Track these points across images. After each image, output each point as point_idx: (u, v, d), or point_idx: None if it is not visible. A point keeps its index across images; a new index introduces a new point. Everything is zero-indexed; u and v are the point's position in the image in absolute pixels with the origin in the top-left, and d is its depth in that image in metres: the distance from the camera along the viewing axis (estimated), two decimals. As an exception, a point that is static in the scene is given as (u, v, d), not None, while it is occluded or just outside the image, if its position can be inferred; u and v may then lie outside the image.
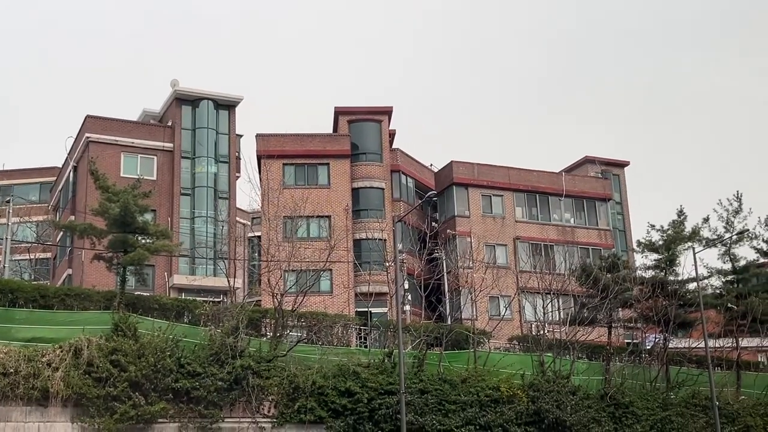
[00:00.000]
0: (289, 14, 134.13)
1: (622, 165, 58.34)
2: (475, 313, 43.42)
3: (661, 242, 39.67)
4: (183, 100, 45.57)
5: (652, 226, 41.14)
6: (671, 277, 39.54)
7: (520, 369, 33.58)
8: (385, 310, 45.29)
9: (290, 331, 35.83)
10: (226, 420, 28.01)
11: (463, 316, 45.65)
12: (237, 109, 47.17)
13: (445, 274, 41.76)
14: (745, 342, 42.42)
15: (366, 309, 43.78)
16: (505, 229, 49.09)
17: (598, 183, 53.80)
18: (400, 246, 47.46)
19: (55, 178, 53.56)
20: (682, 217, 40.75)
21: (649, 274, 39.49)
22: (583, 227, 51.94)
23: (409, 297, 45.01)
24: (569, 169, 57.24)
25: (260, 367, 28.88)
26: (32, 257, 56.32)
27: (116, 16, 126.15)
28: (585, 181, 53.64)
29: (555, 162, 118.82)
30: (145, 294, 32.65)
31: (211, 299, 38.03)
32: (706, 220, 40.37)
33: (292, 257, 32.50)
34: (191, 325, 30.70)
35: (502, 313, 41.68)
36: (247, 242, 63.62)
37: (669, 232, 39.87)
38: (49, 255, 54.30)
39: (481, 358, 34.33)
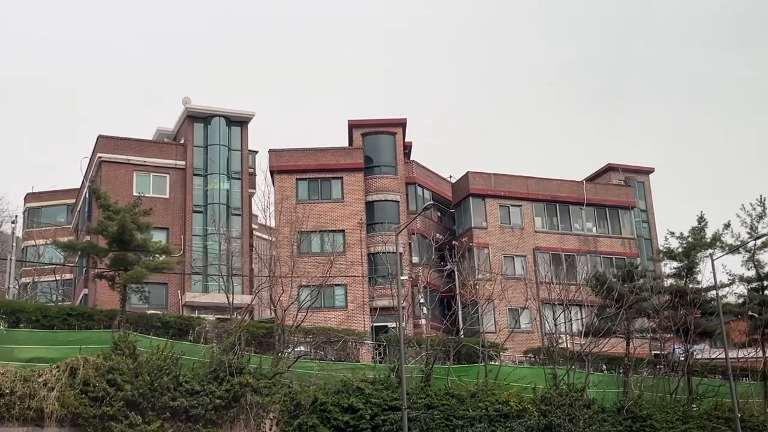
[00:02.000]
0: (303, 29, 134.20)
1: (647, 172, 56.78)
2: (490, 325, 42.76)
3: (680, 250, 38.58)
4: (195, 117, 45.53)
5: (672, 233, 40.10)
6: (692, 285, 38.41)
7: (531, 382, 32.76)
8: (403, 324, 44.73)
9: (298, 348, 35.66)
10: (225, 438, 27.65)
11: (482, 329, 44.96)
12: (250, 125, 47.00)
13: (457, 285, 41.01)
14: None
15: (383, 323, 43.49)
16: (524, 239, 48.14)
17: (621, 191, 52.56)
18: (415, 258, 47.21)
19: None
20: (702, 224, 39.59)
21: (670, 282, 38.44)
22: (606, 236, 50.75)
23: (425, 310, 44.40)
24: (592, 178, 56.03)
25: (260, 384, 28.46)
26: (58, 278, 56.89)
27: (126, 37, 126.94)
28: (607, 189, 52.45)
29: (581, 173, 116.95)
30: (148, 312, 32.42)
31: (224, 316, 37.72)
32: (727, 225, 39.17)
33: (293, 272, 32.11)
34: (194, 343, 30.45)
35: (513, 325, 40.79)
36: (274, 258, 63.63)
37: (689, 239, 38.75)
38: (71, 276, 54.66)
39: (492, 371, 33.54)
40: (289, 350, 35.00)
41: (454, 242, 42.05)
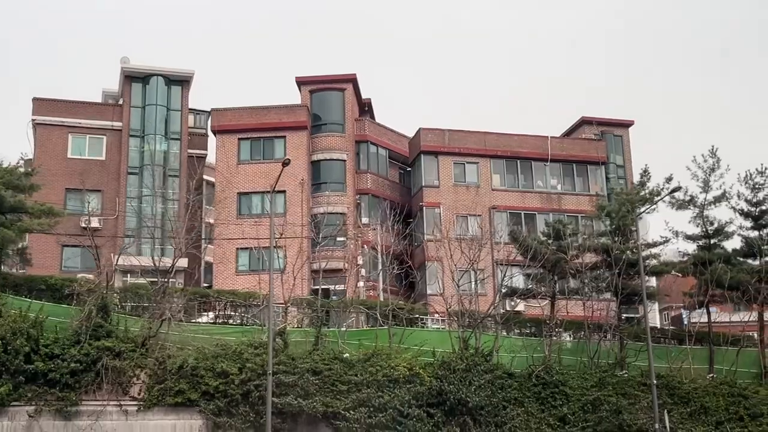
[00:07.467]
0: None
1: (625, 125, 53.27)
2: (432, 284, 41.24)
3: (615, 206, 36.34)
4: (133, 77, 44.59)
5: (612, 189, 37.82)
6: (630, 244, 36.15)
7: (431, 346, 31.29)
8: (344, 287, 43.49)
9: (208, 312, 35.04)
10: (85, 403, 26.96)
11: (428, 291, 43.53)
12: (192, 85, 45.87)
13: (379, 239, 39.55)
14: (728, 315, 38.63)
15: (325, 287, 42.27)
16: (480, 198, 46.03)
17: (590, 145, 49.68)
18: (365, 219, 45.64)
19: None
20: (645, 178, 37.15)
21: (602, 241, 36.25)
22: (572, 194, 48.17)
23: (363, 272, 43.10)
24: (567, 133, 53.30)
25: (123, 347, 27.67)
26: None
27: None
28: (575, 144, 49.72)
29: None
30: (35, 275, 31.88)
31: (159, 280, 37.11)
32: (669, 179, 36.40)
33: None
34: (69, 306, 29.80)
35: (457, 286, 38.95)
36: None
37: (626, 195, 36.45)
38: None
39: (397, 335, 32.14)
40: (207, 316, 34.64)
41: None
